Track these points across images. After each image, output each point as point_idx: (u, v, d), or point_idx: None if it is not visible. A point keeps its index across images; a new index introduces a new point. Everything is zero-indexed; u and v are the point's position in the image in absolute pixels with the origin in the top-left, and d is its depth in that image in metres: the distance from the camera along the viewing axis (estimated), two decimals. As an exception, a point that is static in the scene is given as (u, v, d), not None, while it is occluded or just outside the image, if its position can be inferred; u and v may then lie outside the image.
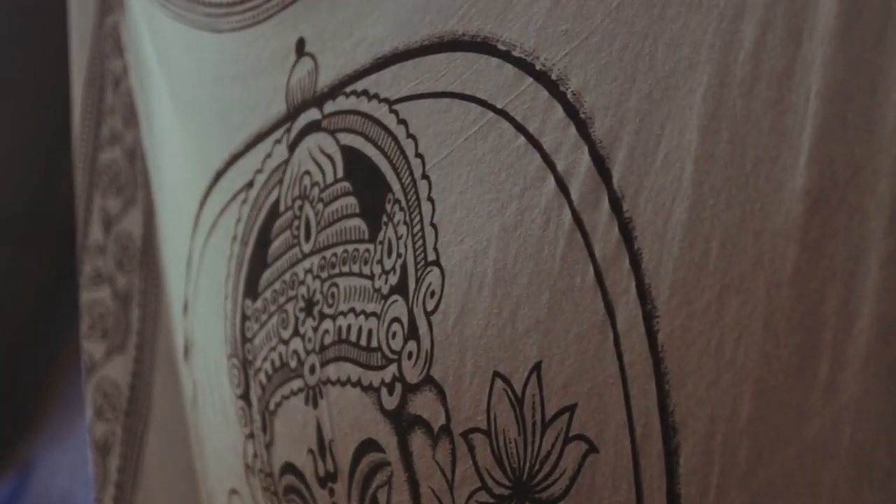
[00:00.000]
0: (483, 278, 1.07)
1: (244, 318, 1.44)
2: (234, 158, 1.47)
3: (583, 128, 0.98)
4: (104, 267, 1.84)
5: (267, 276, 1.40)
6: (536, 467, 1.04)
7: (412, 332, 1.15)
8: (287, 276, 1.35)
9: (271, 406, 1.39)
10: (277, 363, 1.37)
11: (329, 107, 1.29)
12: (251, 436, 1.44)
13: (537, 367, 1.02)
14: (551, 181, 1.01)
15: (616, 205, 0.96)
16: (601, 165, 0.97)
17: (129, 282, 1.83)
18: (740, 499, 0.88)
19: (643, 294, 0.94)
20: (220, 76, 1.50)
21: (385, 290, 1.19)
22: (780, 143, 0.87)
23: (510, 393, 1.05)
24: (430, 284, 1.13)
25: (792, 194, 0.85)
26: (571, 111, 0.99)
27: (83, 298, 1.84)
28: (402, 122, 1.18)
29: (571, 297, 0.99)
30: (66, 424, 2.84)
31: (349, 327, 1.24)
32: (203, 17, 1.53)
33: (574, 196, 0.99)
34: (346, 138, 1.26)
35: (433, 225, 1.13)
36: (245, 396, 1.44)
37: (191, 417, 1.66)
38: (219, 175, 1.51)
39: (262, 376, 1.40)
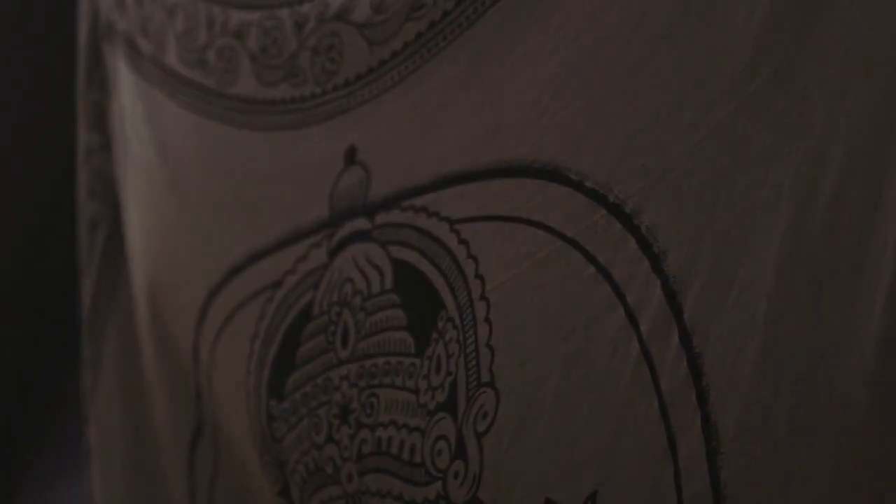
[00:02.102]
0: (543, 405, 1.09)
1: (270, 418, 1.44)
2: (257, 256, 1.48)
3: (656, 262, 1.01)
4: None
5: (295, 377, 1.41)
6: None
7: (460, 452, 1.17)
8: (319, 381, 1.36)
9: None
10: (312, 467, 1.38)
11: (381, 218, 1.31)
12: None
13: (592, 497, 1.04)
14: (620, 313, 1.03)
15: (686, 340, 0.98)
16: (673, 300, 1.00)
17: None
18: None
19: (708, 430, 0.96)
20: (247, 173, 1.52)
21: (431, 406, 1.20)
22: (857, 289, 0.90)
23: None
24: (482, 406, 1.15)
25: (867, 340, 0.89)
26: (645, 245, 1.02)
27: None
28: (463, 241, 1.20)
29: (633, 429, 1.02)
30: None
31: (390, 440, 1.26)
32: (222, 110, 1.55)
33: (643, 329, 1.02)
34: (398, 252, 1.28)
35: (489, 346, 1.15)
36: (285, 493, 1.44)
37: None
38: (236, 270, 1.51)
39: (297, 478, 1.41)
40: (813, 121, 0.93)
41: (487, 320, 1.16)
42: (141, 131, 1.69)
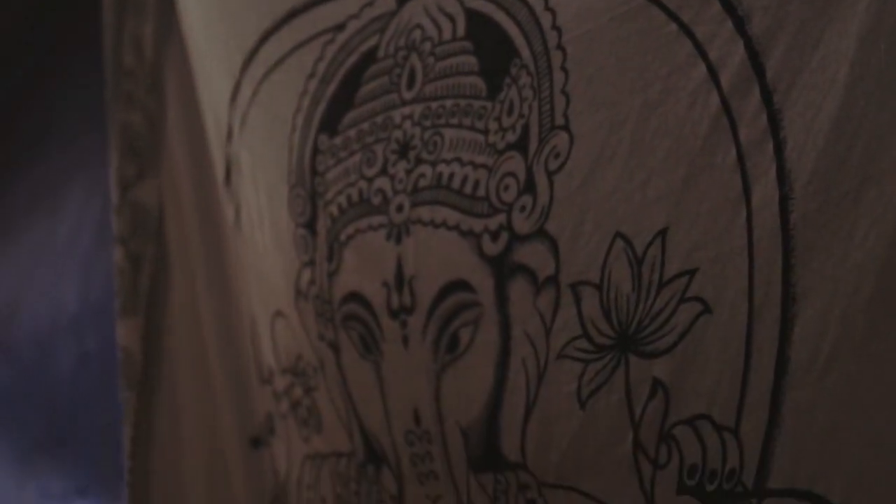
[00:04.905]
0: (617, 147, 1.11)
1: (315, 151, 1.46)
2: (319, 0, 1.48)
3: (740, 24, 1.03)
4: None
5: (352, 115, 1.42)
6: (646, 322, 1.09)
7: (529, 188, 1.19)
8: (379, 119, 1.37)
9: (342, 237, 1.41)
10: (355, 198, 1.39)
11: None
12: (310, 263, 1.47)
13: (663, 233, 1.08)
14: (702, 68, 1.05)
15: (767, 96, 1.00)
16: (755, 59, 1.02)
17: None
18: (849, 368, 0.94)
19: (783, 178, 0.99)
20: None
21: (500, 146, 1.22)
22: None
23: (630, 253, 1.10)
24: (555, 146, 1.17)
25: None
26: (729, 7, 1.03)
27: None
28: None
29: (709, 174, 1.04)
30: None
31: (452, 175, 1.27)
32: None
33: (724, 83, 1.04)
34: (471, 2, 1.29)
35: (564, 93, 1.16)
36: (309, 225, 1.46)
37: (231, 241, 1.67)
38: (294, 13, 1.51)
39: (333, 208, 1.42)
40: None
41: (563, 69, 1.17)
42: None
